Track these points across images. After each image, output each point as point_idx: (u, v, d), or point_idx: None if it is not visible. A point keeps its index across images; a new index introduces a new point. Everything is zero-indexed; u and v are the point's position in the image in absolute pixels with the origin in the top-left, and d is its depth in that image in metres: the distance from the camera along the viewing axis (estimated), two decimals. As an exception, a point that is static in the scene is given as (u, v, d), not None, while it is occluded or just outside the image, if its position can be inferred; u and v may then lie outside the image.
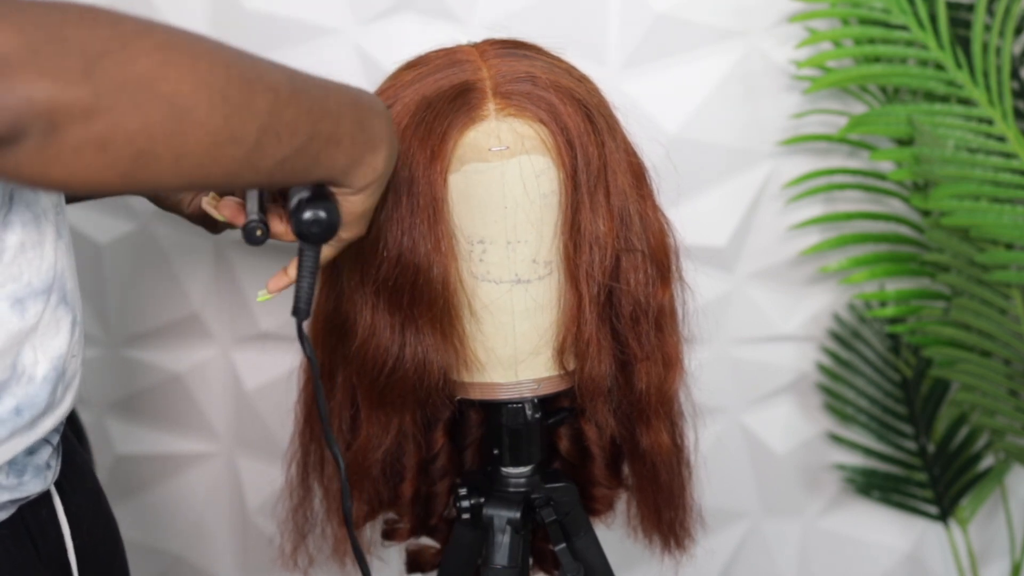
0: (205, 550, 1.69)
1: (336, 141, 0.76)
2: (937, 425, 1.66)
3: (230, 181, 0.71)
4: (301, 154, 0.73)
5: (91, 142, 0.61)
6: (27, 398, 0.78)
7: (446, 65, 0.98)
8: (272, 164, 0.71)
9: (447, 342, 0.98)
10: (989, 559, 1.75)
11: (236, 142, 0.68)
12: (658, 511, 1.15)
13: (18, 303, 0.77)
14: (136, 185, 0.66)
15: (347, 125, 0.77)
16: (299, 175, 0.76)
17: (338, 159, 0.77)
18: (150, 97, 0.63)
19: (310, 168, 0.76)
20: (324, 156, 0.76)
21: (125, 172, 0.64)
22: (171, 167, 0.65)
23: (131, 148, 0.63)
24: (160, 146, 0.64)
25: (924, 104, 1.47)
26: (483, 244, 0.97)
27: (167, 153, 0.65)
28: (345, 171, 0.79)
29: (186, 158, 0.66)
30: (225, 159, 0.68)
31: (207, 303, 1.59)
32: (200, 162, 0.67)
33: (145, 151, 0.64)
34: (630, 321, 1.01)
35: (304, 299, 0.83)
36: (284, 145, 0.71)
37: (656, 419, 1.06)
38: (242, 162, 0.69)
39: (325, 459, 1.12)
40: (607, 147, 0.98)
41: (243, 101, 0.67)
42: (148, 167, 0.64)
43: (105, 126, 0.61)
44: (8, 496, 0.81)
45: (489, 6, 1.47)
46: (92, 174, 0.63)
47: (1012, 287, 1.44)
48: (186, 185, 0.69)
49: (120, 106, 0.61)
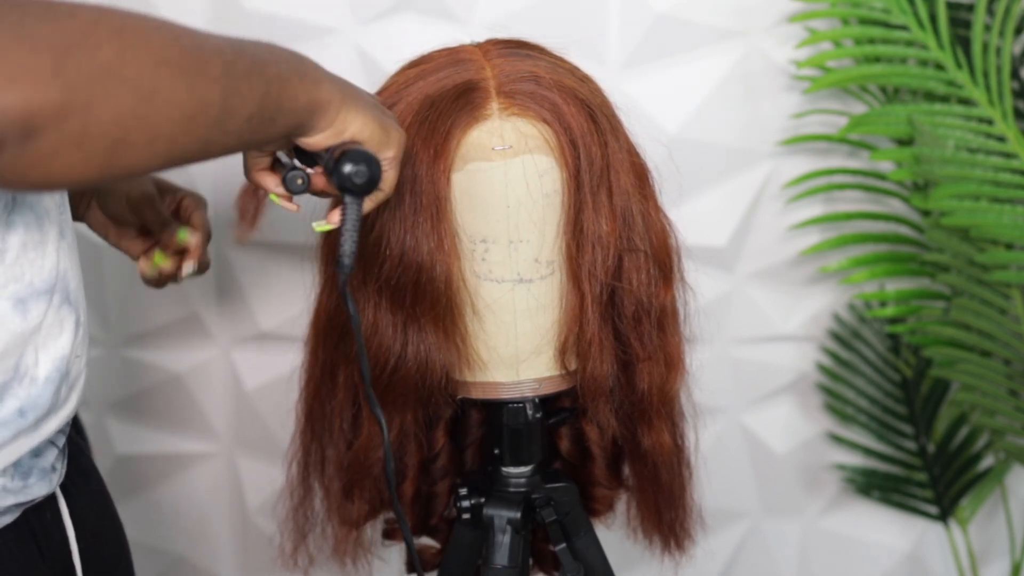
0: (206, 550, 1.69)
1: (286, 80, 0.75)
2: (937, 425, 1.66)
3: (204, 150, 0.70)
4: (265, 105, 0.73)
5: (67, 141, 0.61)
6: (30, 399, 0.78)
7: (449, 64, 0.98)
8: (242, 123, 0.71)
9: (449, 341, 0.98)
10: (989, 559, 1.75)
11: (204, 110, 0.68)
12: (658, 511, 1.15)
13: (20, 303, 0.77)
14: (112, 174, 0.66)
15: (285, 65, 0.76)
16: (267, 127, 0.75)
17: (298, 98, 0.77)
18: (117, 85, 0.62)
19: (275, 117, 0.75)
20: (284, 100, 0.75)
21: (102, 164, 0.64)
22: (146, 150, 0.65)
23: (106, 139, 0.62)
24: (133, 132, 0.64)
25: (924, 104, 1.47)
26: (486, 243, 0.97)
27: (141, 137, 0.64)
28: (309, 110, 0.78)
29: (159, 138, 0.65)
30: (197, 130, 0.68)
31: (207, 303, 1.59)
32: (173, 138, 0.66)
33: (120, 139, 0.63)
34: (632, 321, 1.01)
35: (348, 252, 0.83)
36: (248, 101, 0.71)
37: (658, 419, 1.06)
38: (213, 128, 0.69)
39: (325, 459, 1.12)
40: (610, 147, 0.98)
41: (199, 69, 0.67)
42: (124, 154, 0.64)
43: (79, 123, 0.61)
44: (13, 500, 0.80)
45: (489, 6, 1.47)
46: (70, 171, 0.63)
47: (1012, 287, 1.44)
48: (163, 164, 0.68)
49: (92, 100, 0.61)
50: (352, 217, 0.83)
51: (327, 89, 0.80)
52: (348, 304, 0.85)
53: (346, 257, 0.83)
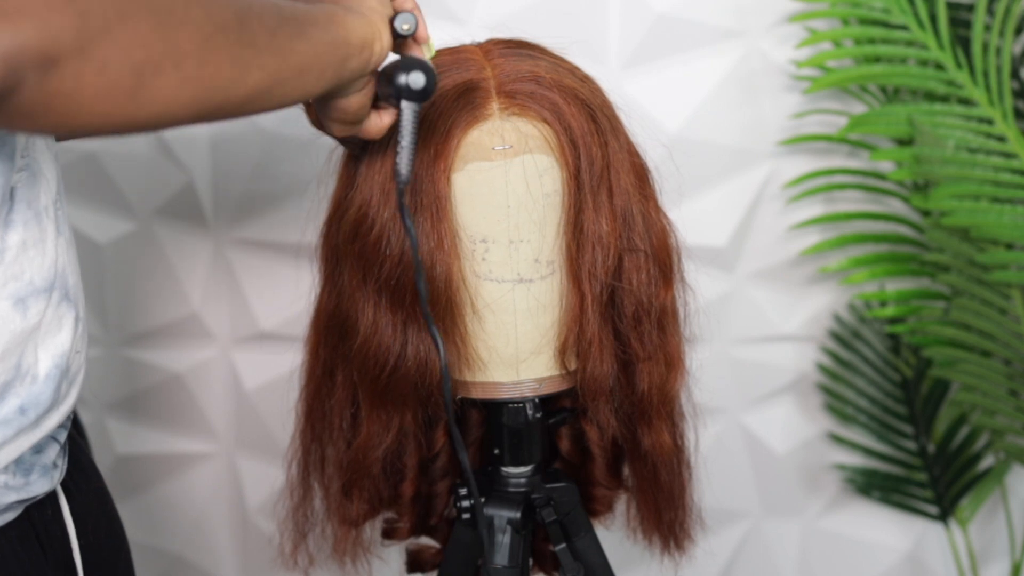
0: (206, 550, 1.69)
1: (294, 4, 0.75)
2: (937, 425, 1.66)
3: (243, 73, 0.69)
4: (284, 20, 0.72)
5: (88, 67, 0.59)
6: (31, 397, 0.78)
7: (450, 64, 0.98)
8: (267, 36, 0.70)
9: (449, 341, 0.98)
10: (989, 559, 1.75)
11: (223, 28, 0.67)
12: (658, 512, 1.15)
13: (20, 302, 0.77)
14: (147, 107, 0.63)
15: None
16: (300, 41, 0.74)
17: (316, 15, 0.76)
18: (132, 6, 0.61)
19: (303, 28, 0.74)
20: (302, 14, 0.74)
21: (131, 92, 0.62)
22: (175, 74, 0.64)
23: (129, 63, 0.61)
24: (156, 54, 0.62)
25: (924, 104, 1.47)
26: (486, 243, 0.97)
27: (166, 60, 0.63)
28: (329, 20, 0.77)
29: (186, 59, 0.64)
30: (223, 48, 0.67)
31: (207, 303, 1.59)
32: (200, 59, 0.65)
33: (144, 64, 0.62)
34: (632, 321, 1.01)
35: (405, 163, 0.83)
36: (265, 17, 0.70)
37: (658, 419, 1.06)
38: (239, 44, 0.68)
39: (325, 458, 1.12)
40: (610, 147, 0.98)
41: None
42: (153, 81, 0.63)
43: (98, 46, 0.59)
44: (15, 496, 0.81)
45: (489, 6, 1.47)
46: (97, 102, 0.61)
47: (1012, 287, 1.44)
48: (201, 96, 0.66)
49: (108, 23, 0.60)
50: (410, 125, 0.83)
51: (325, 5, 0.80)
52: (405, 219, 0.85)
53: (403, 167, 0.83)
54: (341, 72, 0.80)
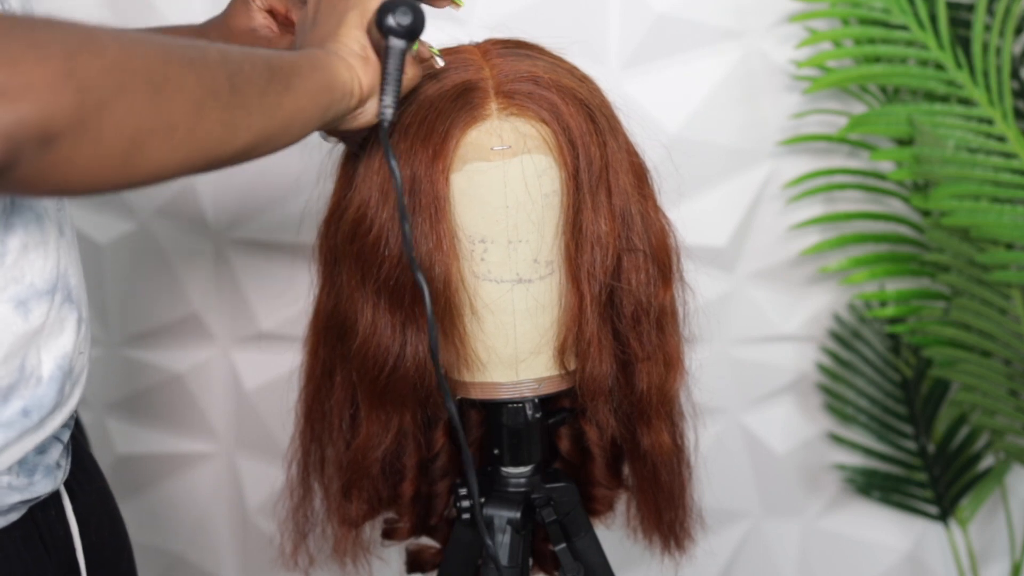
0: (206, 550, 1.69)
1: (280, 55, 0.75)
2: (937, 425, 1.66)
3: (231, 135, 0.70)
4: (272, 77, 0.73)
5: (85, 143, 0.61)
6: (35, 399, 0.78)
7: (448, 64, 0.98)
8: (258, 97, 0.71)
9: (448, 341, 0.98)
10: (989, 559, 1.75)
11: (214, 94, 0.68)
12: (658, 511, 1.15)
13: (21, 305, 0.77)
14: (137, 175, 0.65)
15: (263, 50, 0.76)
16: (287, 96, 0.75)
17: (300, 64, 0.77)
18: (128, 79, 0.62)
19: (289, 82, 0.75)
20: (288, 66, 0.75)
21: (124, 161, 0.63)
22: (166, 142, 0.65)
23: (124, 136, 0.63)
24: (150, 125, 0.64)
25: (924, 104, 1.47)
26: (484, 243, 0.96)
27: (158, 129, 0.64)
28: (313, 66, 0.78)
29: (177, 128, 0.65)
30: (214, 113, 0.68)
31: (207, 303, 1.59)
32: (192, 127, 0.66)
33: (137, 135, 0.63)
34: (631, 321, 1.01)
35: (390, 102, 0.82)
36: (254, 77, 0.71)
37: (657, 419, 1.06)
38: (229, 109, 0.69)
39: (325, 459, 1.12)
40: (609, 147, 0.98)
41: (200, 58, 0.68)
42: (145, 150, 0.64)
43: (96, 122, 0.61)
44: (19, 497, 0.81)
45: (489, 6, 1.47)
46: (91, 173, 0.63)
47: (1012, 287, 1.44)
48: (190, 159, 0.68)
49: (105, 98, 0.61)
50: (395, 63, 0.82)
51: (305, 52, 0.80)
52: (389, 158, 0.84)
53: (388, 107, 0.82)
54: (325, 116, 0.81)
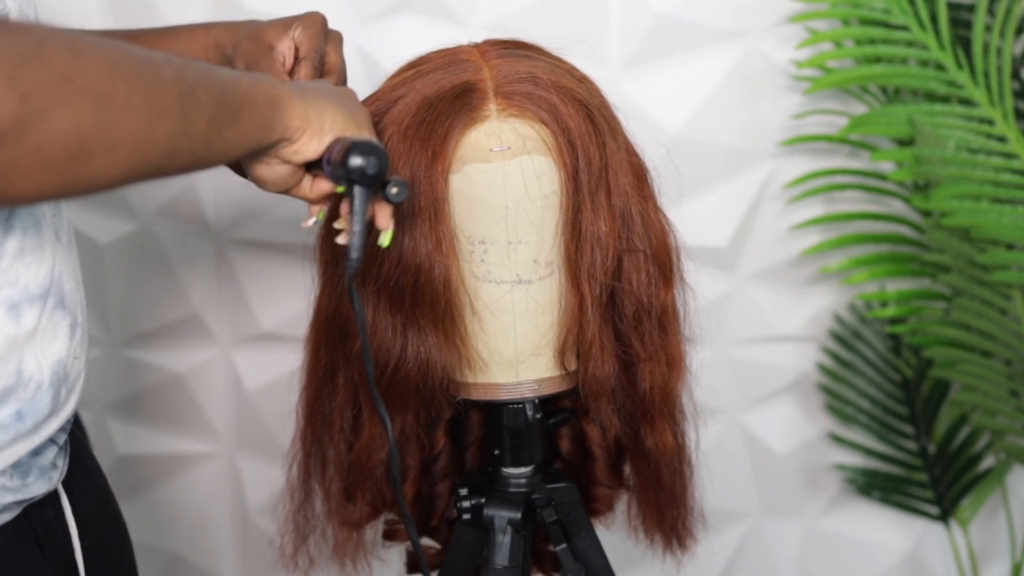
0: (206, 550, 1.69)
1: (238, 81, 0.75)
2: (938, 425, 1.66)
3: (170, 158, 0.69)
4: (223, 104, 0.72)
5: (25, 153, 0.60)
6: (30, 404, 0.78)
7: (447, 65, 0.98)
8: (203, 124, 0.70)
9: (449, 342, 0.98)
10: (990, 559, 1.75)
11: (163, 115, 0.67)
12: (660, 511, 1.15)
13: (13, 308, 0.77)
14: (75, 187, 0.64)
15: (234, 72, 0.76)
16: (232, 129, 0.74)
17: (255, 94, 0.76)
18: (74, 93, 0.61)
19: (237, 115, 0.74)
20: (241, 97, 0.74)
21: (62, 175, 0.62)
22: (107, 159, 0.64)
23: (65, 150, 0.61)
24: (93, 141, 0.63)
25: (925, 104, 1.47)
26: (484, 244, 0.97)
27: (101, 146, 0.63)
28: (270, 105, 0.77)
29: (120, 146, 0.65)
30: (157, 135, 0.67)
31: (207, 303, 1.59)
32: (135, 146, 0.66)
33: (79, 149, 0.62)
34: (633, 321, 1.01)
35: (356, 247, 0.81)
36: (205, 103, 0.70)
37: (660, 419, 1.06)
38: (175, 133, 0.68)
39: (326, 460, 1.12)
40: (608, 148, 0.98)
41: (153, 75, 0.66)
42: (85, 165, 0.63)
43: (37, 133, 0.60)
44: (12, 498, 0.81)
45: (490, 6, 1.47)
46: (28, 184, 0.61)
47: (1013, 287, 1.44)
48: (127, 175, 0.67)
49: (48, 109, 0.60)
50: (361, 210, 0.81)
51: (280, 85, 0.79)
52: (354, 301, 0.84)
53: (355, 251, 0.82)
54: (257, 149, 0.79)
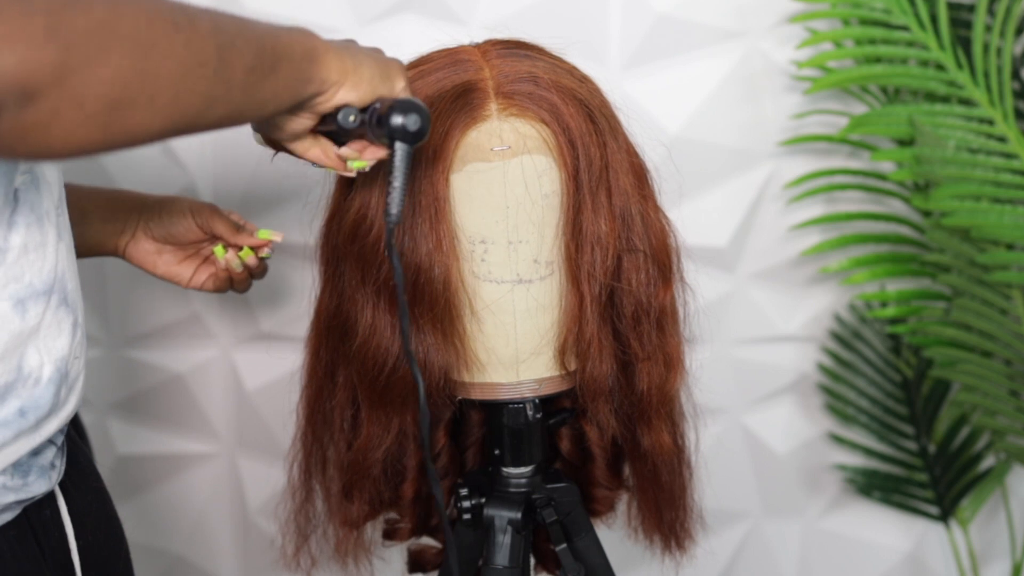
0: (206, 550, 1.69)
1: (275, 34, 0.75)
2: (938, 426, 1.66)
3: (209, 108, 0.69)
4: (261, 54, 0.72)
5: (67, 102, 0.60)
6: (31, 400, 0.78)
7: (448, 65, 0.98)
8: (242, 75, 0.71)
9: (448, 342, 0.98)
10: (990, 559, 1.75)
11: (202, 64, 0.67)
12: (659, 511, 1.15)
13: (19, 304, 0.77)
14: (117, 138, 0.65)
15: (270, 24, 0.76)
16: (271, 80, 0.74)
17: (293, 46, 0.76)
18: (114, 41, 0.61)
19: (275, 66, 0.74)
20: (280, 48, 0.75)
21: (105, 125, 0.63)
22: (148, 109, 0.64)
23: (106, 98, 0.62)
24: (133, 89, 0.63)
25: (925, 104, 1.47)
26: (484, 244, 0.97)
27: (141, 95, 0.64)
28: (307, 58, 0.78)
29: (160, 95, 0.65)
30: (198, 84, 0.67)
31: (208, 303, 1.59)
32: (175, 95, 0.66)
33: (120, 98, 0.62)
34: (632, 321, 1.01)
35: (396, 202, 0.83)
36: (243, 53, 0.71)
37: (657, 419, 1.06)
38: (214, 81, 0.68)
39: (326, 459, 1.12)
40: (609, 148, 0.98)
41: (191, 24, 0.67)
42: (127, 115, 0.63)
43: (78, 82, 0.60)
44: (13, 497, 0.81)
45: (490, 7, 1.47)
46: (72, 135, 0.62)
47: (1013, 287, 1.44)
48: (167, 126, 0.67)
49: (88, 58, 0.60)
50: (403, 167, 0.83)
51: (316, 38, 0.80)
52: (393, 259, 0.85)
53: (395, 207, 0.83)
54: (294, 103, 0.80)
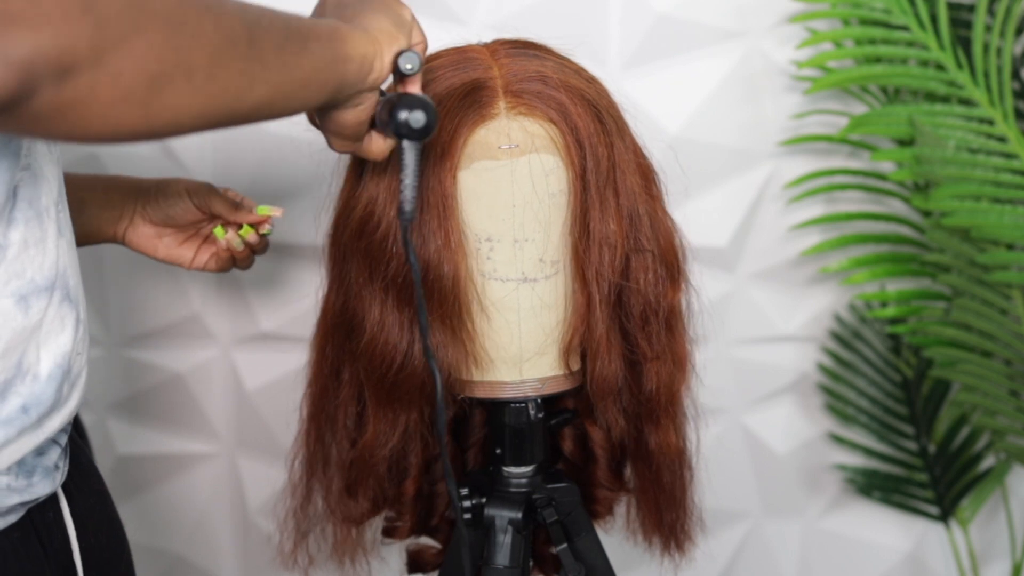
0: (206, 550, 1.69)
1: (298, 16, 0.76)
2: (938, 425, 1.66)
3: (250, 87, 0.70)
4: (289, 34, 0.73)
5: (103, 76, 0.60)
6: (33, 396, 0.78)
7: (457, 63, 0.99)
8: (274, 53, 0.71)
9: (456, 339, 0.98)
10: (990, 559, 1.75)
11: (233, 42, 0.67)
12: (659, 513, 1.15)
13: (22, 300, 0.77)
14: (159, 119, 0.64)
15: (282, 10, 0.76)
16: (304, 56, 0.75)
17: (319, 28, 0.77)
18: (147, 18, 0.62)
19: (307, 41, 0.75)
20: (307, 28, 0.75)
21: (143, 104, 0.63)
22: (187, 85, 0.65)
23: (144, 75, 0.62)
24: (169, 65, 0.63)
25: (925, 104, 1.47)
26: (491, 242, 0.97)
27: (177, 71, 0.64)
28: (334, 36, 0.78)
29: (196, 71, 0.65)
30: (233, 62, 0.68)
31: (208, 303, 1.59)
32: (210, 72, 0.66)
33: (157, 74, 0.63)
34: (640, 321, 1.01)
35: (409, 199, 0.83)
36: (271, 31, 0.71)
37: (665, 418, 1.07)
38: (248, 59, 0.69)
39: (328, 457, 1.12)
40: (616, 148, 0.98)
41: (217, 5, 0.67)
42: (164, 92, 0.63)
43: (114, 57, 0.60)
44: (18, 498, 0.81)
45: (490, 7, 1.47)
46: (110, 112, 0.62)
47: (1013, 287, 1.44)
48: (210, 107, 0.67)
49: (124, 34, 0.60)
50: (411, 163, 0.83)
51: (329, 19, 0.80)
52: (410, 254, 0.85)
53: (407, 203, 0.83)
54: (340, 86, 0.80)
